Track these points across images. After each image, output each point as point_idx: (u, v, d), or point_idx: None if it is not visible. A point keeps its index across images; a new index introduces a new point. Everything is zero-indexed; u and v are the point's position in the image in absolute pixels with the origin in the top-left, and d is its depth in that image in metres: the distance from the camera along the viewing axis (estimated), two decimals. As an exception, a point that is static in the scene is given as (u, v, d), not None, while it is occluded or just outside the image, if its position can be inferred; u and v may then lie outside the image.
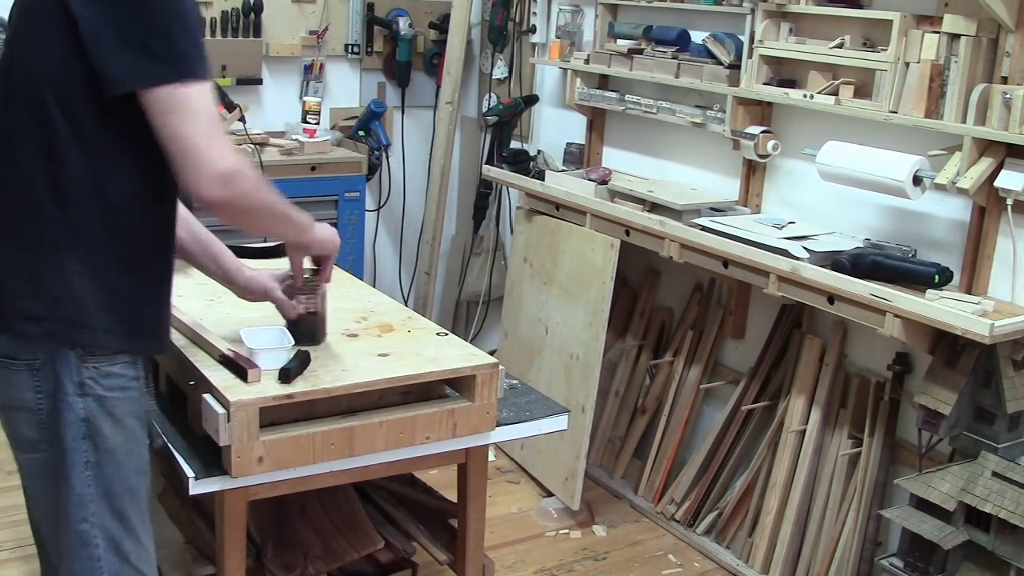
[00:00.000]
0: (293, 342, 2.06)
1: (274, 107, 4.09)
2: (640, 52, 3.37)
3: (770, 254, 2.71)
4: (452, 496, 2.38)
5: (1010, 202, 2.44)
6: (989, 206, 2.51)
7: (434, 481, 2.76)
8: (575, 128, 3.87)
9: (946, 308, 2.36)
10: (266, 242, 2.38)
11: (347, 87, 4.28)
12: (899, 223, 2.80)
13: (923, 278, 2.52)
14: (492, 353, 2.80)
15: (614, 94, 3.53)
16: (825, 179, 2.76)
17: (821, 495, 2.95)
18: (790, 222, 2.94)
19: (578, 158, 3.78)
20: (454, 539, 2.41)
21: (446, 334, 2.28)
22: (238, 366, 1.96)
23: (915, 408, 2.59)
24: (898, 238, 2.77)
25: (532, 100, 4.04)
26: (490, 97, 4.28)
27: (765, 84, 2.96)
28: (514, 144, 4.03)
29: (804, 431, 2.98)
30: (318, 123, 3.98)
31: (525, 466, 3.64)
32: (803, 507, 2.97)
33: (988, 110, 2.42)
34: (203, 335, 2.11)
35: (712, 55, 3.12)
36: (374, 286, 3.26)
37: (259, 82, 4.00)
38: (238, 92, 3.84)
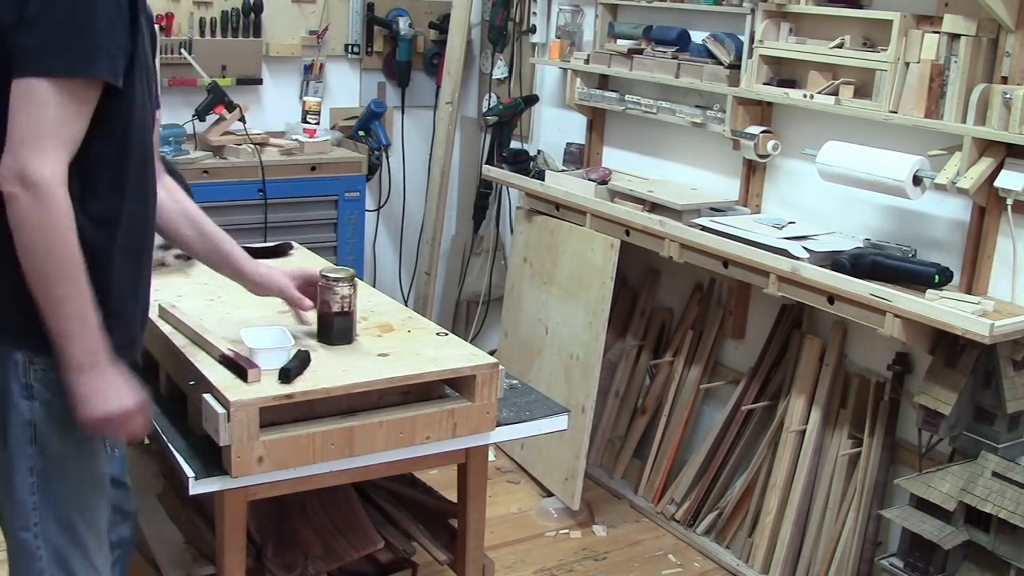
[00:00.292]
0: (293, 342, 2.06)
1: (274, 107, 4.09)
2: (640, 52, 3.37)
3: (770, 254, 2.71)
4: (452, 496, 2.38)
5: (1010, 202, 2.44)
6: (989, 206, 2.51)
7: (434, 481, 2.76)
8: (575, 128, 3.87)
9: (946, 308, 2.36)
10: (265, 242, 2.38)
11: (347, 87, 4.28)
12: (899, 223, 2.80)
13: (923, 278, 2.52)
14: (492, 353, 2.80)
15: (614, 94, 3.53)
16: (825, 179, 2.76)
17: (821, 495, 2.95)
18: (790, 222, 2.94)
19: (578, 158, 3.78)
20: (454, 539, 2.41)
21: (446, 334, 2.28)
22: (238, 366, 1.96)
23: (915, 408, 2.59)
24: (898, 238, 2.77)
25: (532, 100, 4.04)
26: (490, 97, 4.28)
27: (765, 84, 2.96)
28: (514, 144, 4.03)
29: (804, 431, 2.98)
30: (318, 123, 3.98)
31: (525, 466, 3.64)
32: (803, 507, 2.97)
33: (988, 110, 2.42)
34: (203, 335, 2.11)
35: (712, 55, 3.12)
36: (374, 286, 3.26)
37: (259, 82, 4.00)
38: (238, 92, 3.84)
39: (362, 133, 4.16)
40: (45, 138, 1.45)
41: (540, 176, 3.60)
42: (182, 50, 3.73)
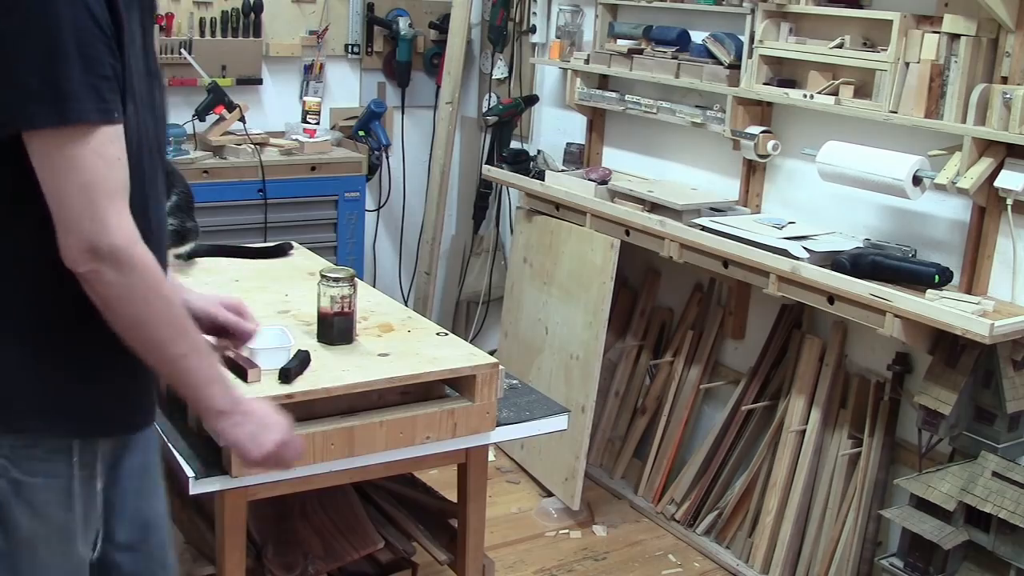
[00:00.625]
0: (293, 341, 2.06)
1: (274, 107, 4.09)
2: (640, 52, 3.36)
3: (770, 254, 2.71)
4: (452, 496, 2.38)
5: (1010, 202, 2.44)
6: (989, 206, 2.51)
7: (434, 481, 2.76)
8: (575, 128, 3.87)
9: (946, 308, 2.36)
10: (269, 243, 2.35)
11: (347, 87, 4.28)
12: (899, 223, 2.80)
13: (923, 278, 2.52)
14: (492, 353, 2.80)
15: (614, 94, 3.53)
16: (825, 179, 2.75)
17: (821, 495, 2.95)
18: (790, 222, 2.93)
19: (578, 158, 3.78)
20: (454, 539, 2.41)
21: (446, 334, 2.28)
22: (238, 366, 1.96)
23: (915, 408, 2.59)
24: (898, 238, 2.77)
25: (532, 100, 4.04)
26: (490, 97, 4.28)
27: (765, 84, 2.96)
28: (514, 144, 4.03)
29: (804, 431, 2.98)
30: (318, 123, 3.98)
31: (525, 466, 3.64)
32: (803, 507, 2.97)
33: (988, 110, 2.42)
34: (203, 335, 2.10)
35: (712, 55, 3.12)
36: (374, 286, 3.26)
37: (259, 82, 4.00)
38: (238, 92, 3.84)
39: (362, 133, 4.16)
40: (96, 202, 1.25)
41: (540, 176, 3.60)
42: (182, 50, 3.73)
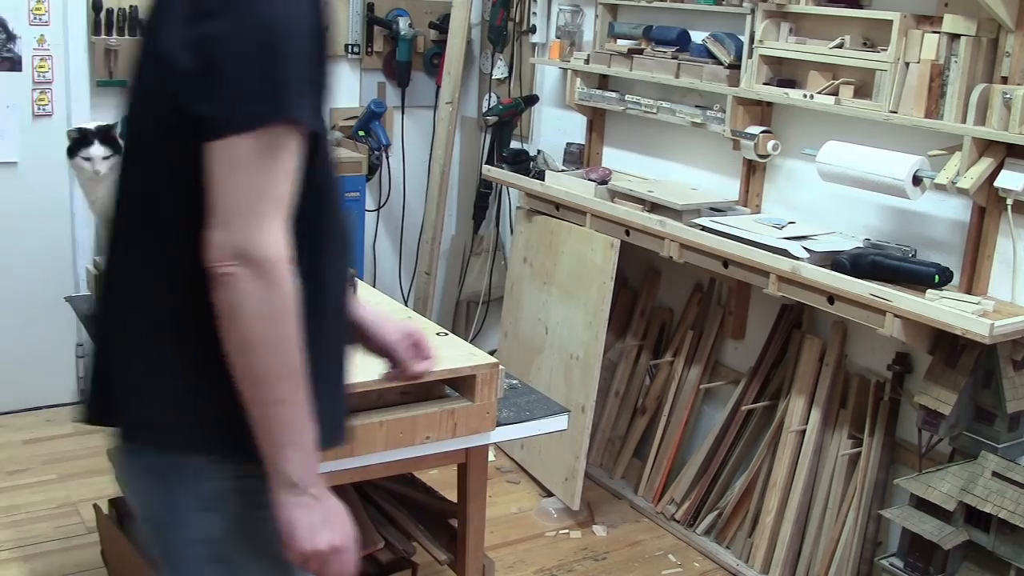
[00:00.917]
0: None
1: (274, 107, 4.09)
2: (640, 52, 3.36)
3: (770, 254, 2.71)
4: (452, 496, 2.38)
5: (1010, 202, 2.44)
6: (989, 206, 2.51)
7: (434, 481, 2.76)
8: (575, 128, 3.87)
9: (946, 308, 2.36)
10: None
11: (347, 87, 4.28)
12: (899, 223, 2.80)
13: (923, 278, 2.52)
14: (492, 353, 2.80)
15: (614, 94, 3.53)
16: (825, 179, 2.75)
17: (821, 495, 2.95)
18: (790, 222, 2.93)
19: (578, 158, 3.78)
20: (454, 539, 2.41)
21: (446, 334, 2.28)
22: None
23: (915, 408, 2.59)
24: (898, 238, 2.77)
25: (532, 100, 4.04)
26: (490, 97, 4.28)
27: (765, 84, 2.96)
28: (514, 144, 4.03)
29: (804, 431, 2.98)
30: (318, 123, 3.98)
31: (525, 466, 3.64)
32: (803, 507, 2.97)
33: (988, 110, 2.42)
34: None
35: (712, 55, 3.12)
36: (374, 286, 3.26)
37: (259, 82, 4.00)
38: (238, 92, 3.84)
39: (362, 133, 4.16)
40: (261, 206, 1.20)
41: (540, 176, 3.60)
42: (182, 50, 3.73)
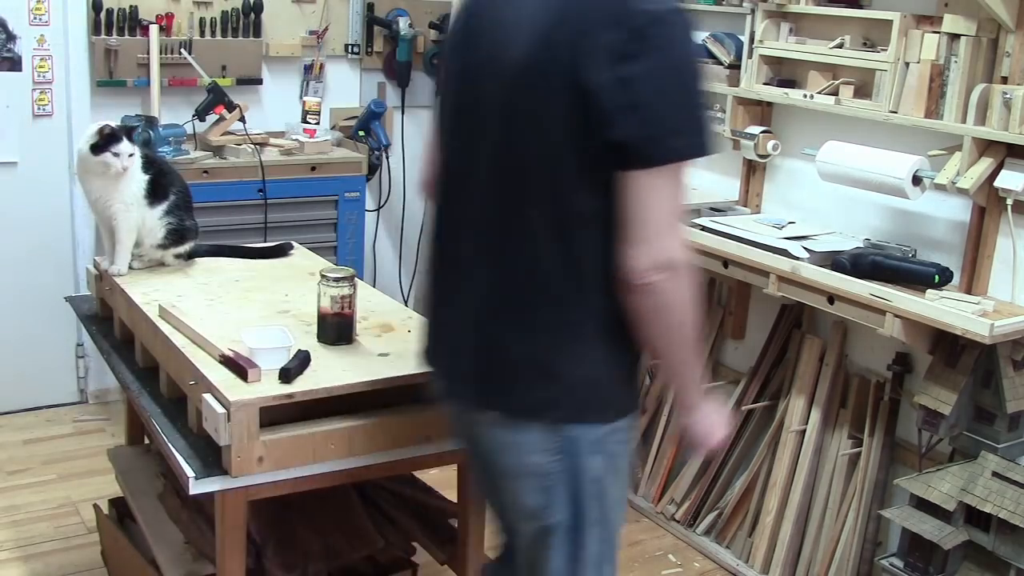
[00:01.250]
0: (293, 342, 2.06)
1: (274, 107, 4.09)
2: (640, 52, 3.36)
3: (770, 254, 2.71)
4: (452, 496, 2.38)
5: (1010, 202, 2.44)
6: (989, 206, 2.51)
7: (434, 481, 2.76)
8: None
9: (946, 308, 2.36)
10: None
11: (347, 87, 4.28)
12: (899, 223, 2.80)
13: (923, 278, 2.52)
14: (492, 353, 2.79)
15: (614, 94, 3.52)
16: (825, 179, 2.75)
17: (821, 495, 2.95)
18: (790, 222, 2.94)
19: (578, 158, 3.77)
20: (454, 539, 2.41)
21: (446, 334, 2.27)
22: (238, 366, 1.96)
23: (915, 408, 2.59)
24: (898, 238, 2.77)
25: (532, 100, 4.03)
26: (490, 97, 4.27)
27: (765, 84, 2.96)
28: (514, 144, 4.02)
29: (804, 431, 2.98)
30: (318, 123, 3.98)
31: (525, 466, 3.63)
32: (803, 507, 2.97)
33: (988, 110, 2.42)
34: (203, 335, 2.11)
35: (712, 55, 3.12)
36: (374, 286, 3.26)
37: (259, 82, 4.00)
38: (238, 92, 3.84)
39: (362, 133, 4.15)
40: (674, 222, 1.50)
41: (540, 176, 3.59)
42: (182, 50, 3.73)
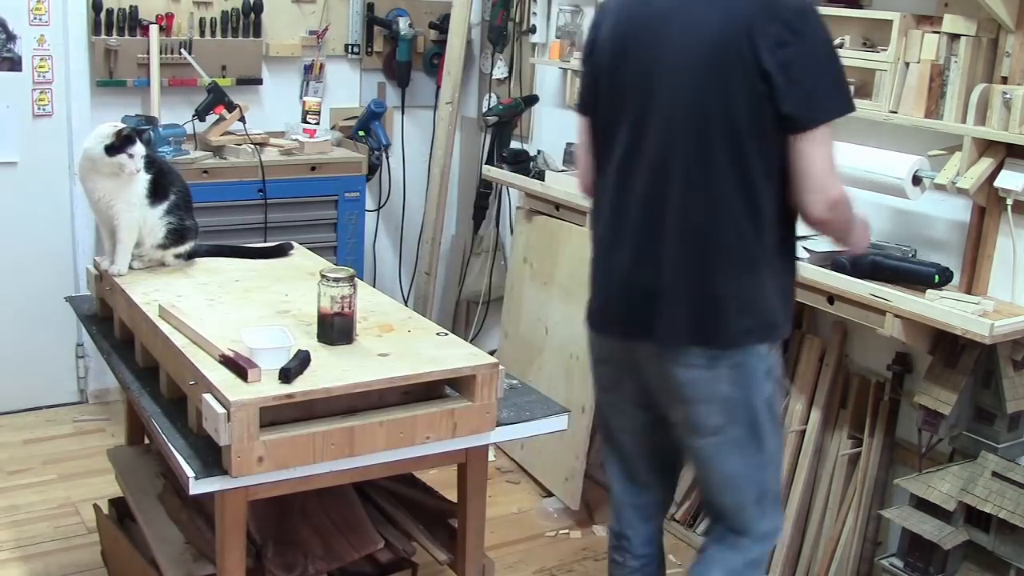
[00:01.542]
0: (293, 342, 2.06)
1: (274, 107, 4.09)
2: (640, 52, 3.36)
3: (770, 254, 2.70)
4: (452, 496, 2.38)
5: (1010, 202, 2.44)
6: (989, 206, 2.51)
7: (434, 481, 2.76)
8: (575, 128, 3.86)
9: (946, 308, 2.36)
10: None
11: (347, 87, 4.28)
12: (899, 223, 2.80)
13: (923, 278, 2.52)
14: (492, 353, 2.80)
15: (614, 94, 3.52)
16: (825, 179, 2.75)
17: (821, 495, 2.95)
18: (790, 222, 2.93)
19: (578, 158, 3.77)
20: (454, 539, 2.41)
21: (446, 334, 2.28)
22: (238, 366, 1.96)
23: (915, 408, 2.59)
24: (898, 238, 2.77)
25: (532, 100, 4.04)
26: (490, 97, 4.28)
27: (765, 84, 2.95)
28: (514, 144, 4.03)
29: (804, 431, 2.98)
30: (318, 123, 3.98)
31: (525, 466, 3.64)
32: (803, 507, 2.97)
33: (988, 110, 2.42)
34: (203, 335, 2.11)
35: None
36: (374, 286, 3.26)
37: (259, 82, 4.00)
38: (238, 92, 3.84)
39: (362, 133, 4.16)
40: (833, 168, 1.92)
41: (540, 176, 3.60)
42: (182, 50, 3.74)
